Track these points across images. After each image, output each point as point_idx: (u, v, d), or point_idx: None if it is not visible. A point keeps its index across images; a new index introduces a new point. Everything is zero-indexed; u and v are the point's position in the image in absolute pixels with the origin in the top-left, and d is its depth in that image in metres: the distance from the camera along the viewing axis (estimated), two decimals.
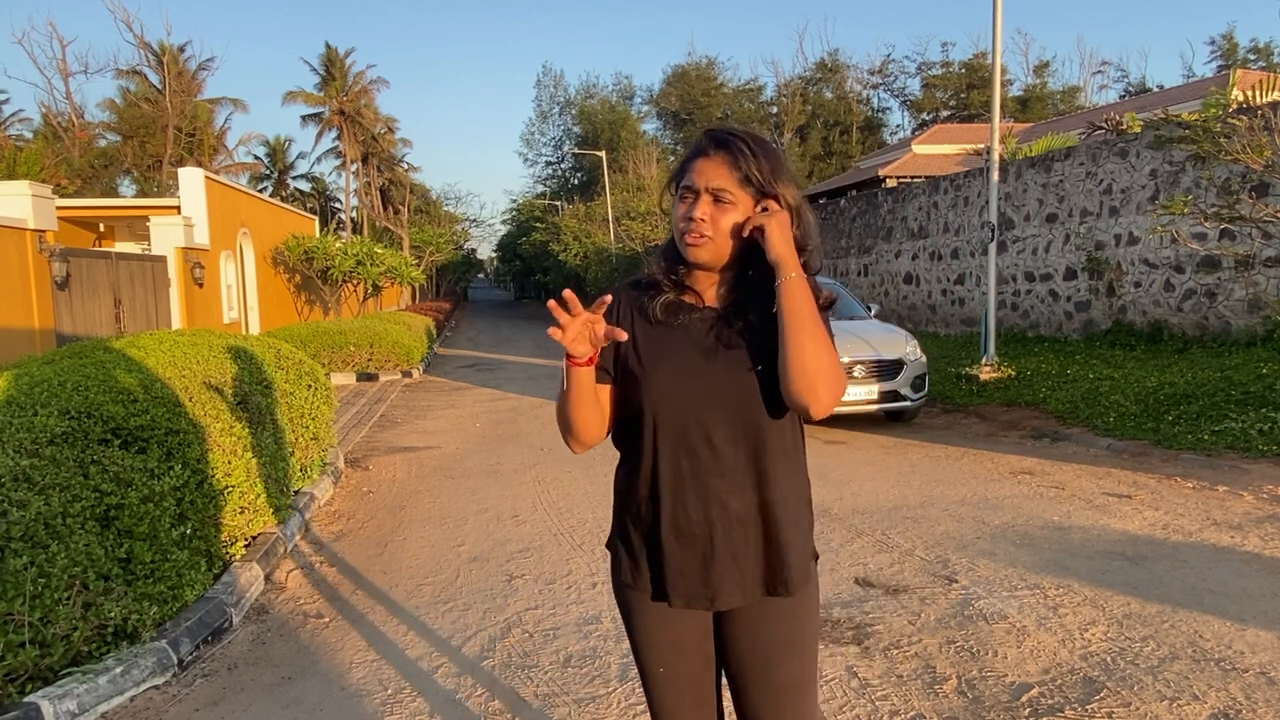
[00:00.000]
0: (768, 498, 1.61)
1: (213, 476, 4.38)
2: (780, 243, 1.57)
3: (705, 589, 1.63)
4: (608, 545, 1.80)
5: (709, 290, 1.67)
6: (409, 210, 46.95)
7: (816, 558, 1.74)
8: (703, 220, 1.58)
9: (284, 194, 49.46)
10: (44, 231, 9.62)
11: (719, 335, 1.62)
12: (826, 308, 1.64)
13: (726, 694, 1.80)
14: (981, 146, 18.90)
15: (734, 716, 1.78)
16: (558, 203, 46.36)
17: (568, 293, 1.62)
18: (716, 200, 1.58)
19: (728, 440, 1.60)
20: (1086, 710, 2.94)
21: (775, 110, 51.55)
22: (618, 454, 1.80)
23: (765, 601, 1.65)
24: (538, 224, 43.35)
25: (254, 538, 4.80)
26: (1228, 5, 69.13)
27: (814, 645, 1.73)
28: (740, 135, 1.61)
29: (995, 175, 10.70)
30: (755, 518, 1.62)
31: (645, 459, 1.65)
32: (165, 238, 13.02)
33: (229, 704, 3.23)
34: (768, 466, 1.61)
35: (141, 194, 34.55)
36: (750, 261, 1.63)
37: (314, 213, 31.99)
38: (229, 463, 4.57)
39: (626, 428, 1.70)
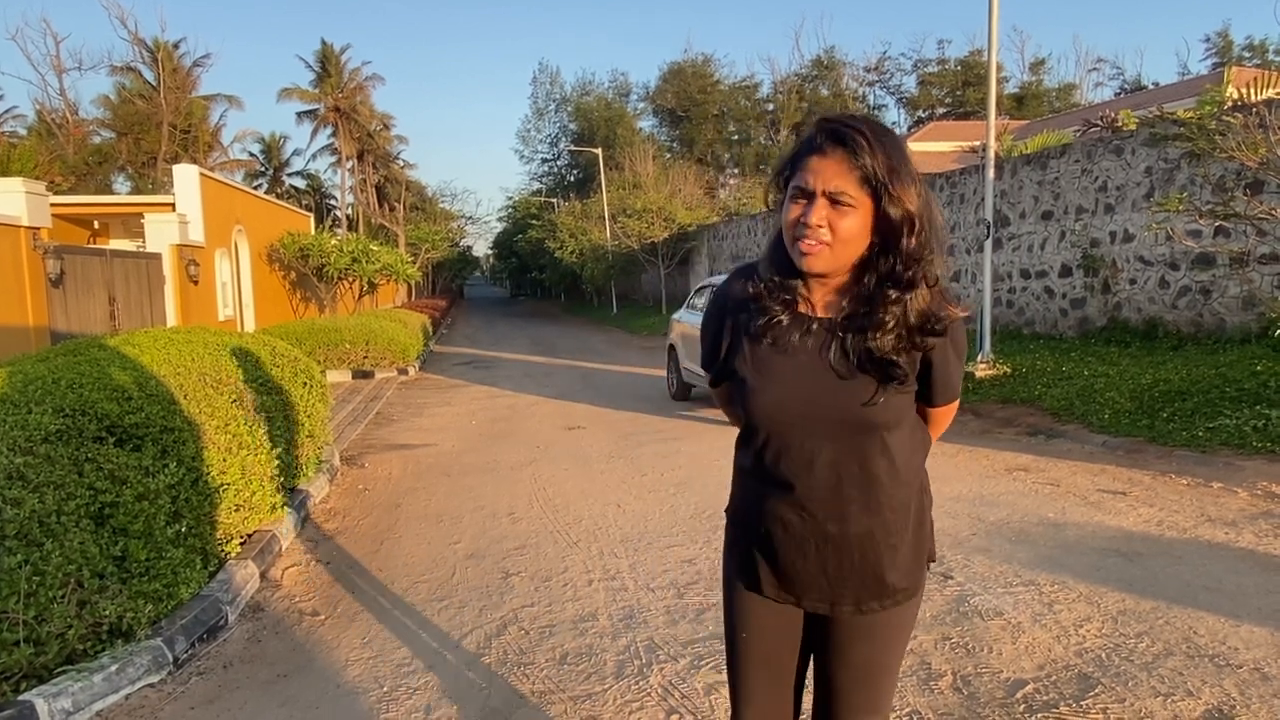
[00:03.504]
0: (869, 525, 1.58)
1: (208, 474, 4.37)
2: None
3: (794, 591, 1.66)
4: (726, 510, 1.81)
5: (821, 298, 1.58)
6: (405, 207, 46.91)
7: (932, 559, 1.73)
8: (820, 227, 1.46)
9: (279, 191, 49.33)
10: (38, 228, 9.59)
11: (832, 360, 1.54)
12: (939, 334, 1.55)
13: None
14: (977, 144, 18.92)
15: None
16: (554, 200, 46.28)
17: None
18: (834, 203, 1.45)
19: (827, 467, 1.56)
20: (1081, 706, 2.95)
21: (771, 107, 51.55)
22: (609, 452, 1.82)
23: (856, 615, 1.66)
24: (534, 221, 43.29)
25: (249, 535, 4.79)
26: (1223, 3, 69.28)
27: (900, 642, 1.72)
28: (858, 126, 1.46)
29: (991, 173, 10.71)
30: (854, 544, 1.59)
31: (755, 464, 1.65)
32: (160, 235, 12.98)
33: (224, 702, 3.23)
34: (873, 493, 1.57)
35: (136, 191, 34.44)
36: (868, 267, 1.53)
37: (309, 210, 31.93)
38: (224, 460, 4.57)
39: (745, 426, 1.69)
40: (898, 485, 1.59)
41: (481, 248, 77.48)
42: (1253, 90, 8.26)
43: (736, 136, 52.11)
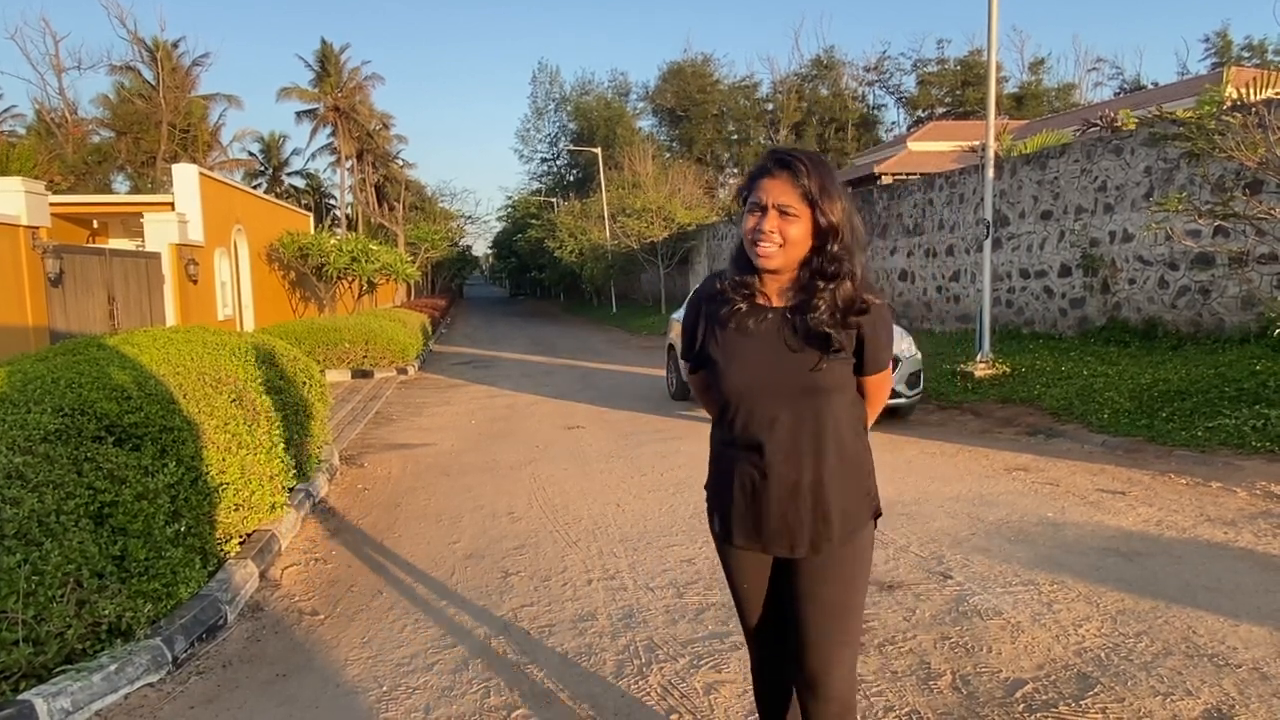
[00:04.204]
0: (820, 474, 1.94)
1: (207, 474, 4.37)
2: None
3: (759, 539, 2.01)
4: (706, 486, 2.18)
5: (775, 292, 1.96)
6: (404, 207, 46.90)
7: (877, 514, 2.08)
8: (771, 232, 1.86)
9: (279, 191, 49.32)
10: (37, 228, 9.58)
11: (785, 337, 1.93)
12: (861, 313, 1.92)
13: None
14: (977, 143, 18.93)
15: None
16: (553, 199, 46.30)
17: None
18: (782, 213, 1.85)
19: (789, 425, 1.92)
20: (1080, 706, 2.95)
21: (771, 107, 51.58)
22: (608, 452, 1.90)
23: (813, 555, 1.99)
24: (533, 221, 43.30)
25: (249, 535, 4.79)
26: (1222, 3, 69.29)
27: (858, 579, 2.04)
28: (799, 156, 1.88)
29: (990, 172, 10.71)
30: (809, 490, 1.94)
31: (727, 434, 2.02)
32: (159, 234, 12.97)
33: (224, 701, 3.23)
34: (823, 446, 1.94)
35: (135, 190, 34.43)
36: (808, 265, 1.91)
37: (309, 209, 31.93)
38: (223, 460, 4.57)
39: (717, 402, 2.05)
40: (841, 441, 1.97)
41: (481, 247, 77.52)
42: (1252, 90, 8.25)
43: (736, 136, 52.12)
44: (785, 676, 2.21)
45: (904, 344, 8.46)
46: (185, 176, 14.15)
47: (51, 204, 10.79)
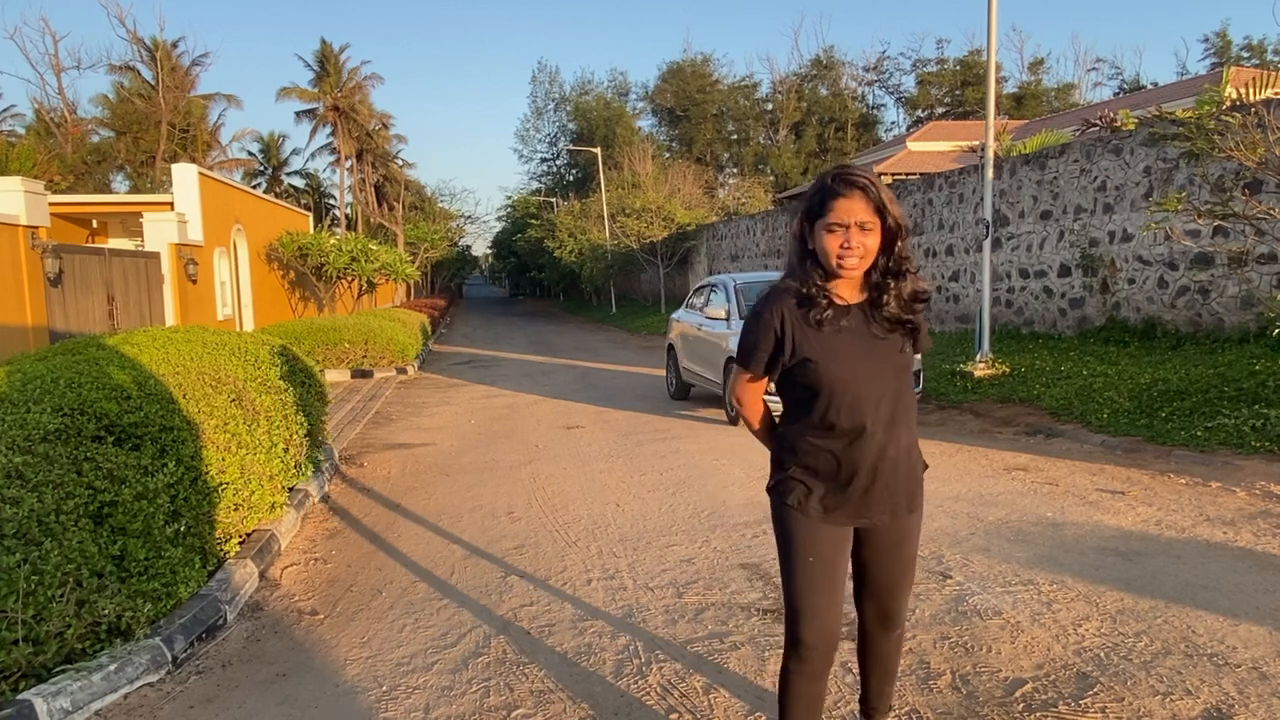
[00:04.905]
0: (909, 443, 2.29)
1: (207, 473, 4.37)
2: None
3: (864, 513, 2.27)
4: (772, 488, 2.35)
5: (849, 292, 2.24)
6: (403, 207, 46.86)
7: (925, 466, 2.43)
8: (857, 247, 2.14)
9: (278, 190, 49.31)
10: (37, 228, 9.57)
11: (871, 328, 2.22)
12: (926, 301, 2.28)
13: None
14: (976, 143, 18.94)
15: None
16: (553, 199, 46.28)
17: None
18: (861, 229, 2.13)
19: (887, 404, 2.21)
20: (1080, 705, 2.95)
21: (770, 107, 51.58)
22: (608, 452, 1.87)
23: (907, 516, 2.34)
24: (533, 221, 43.29)
25: (248, 535, 4.79)
26: (1222, 3, 69.28)
27: (921, 531, 2.48)
28: (865, 174, 2.15)
29: (990, 172, 10.71)
30: (905, 459, 2.27)
31: (822, 423, 2.22)
32: (159, 234, 12.97)
33: (223, 701, 3.23)
34: (909, 419, 2.27)
35: (135, 190, 34.42)
36: (876, 266, 2.21)
37: (308, 209, 31.93)
38: (223, 460, 4.56)
39: (802, 403, 2.26)
40: (914, 412, 2.32)
41: (480, 247, 77.52)
42: (1251, 90, 8.25)
43: (735, 136, 52.12)
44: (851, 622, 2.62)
45: None
46: (185, 176, 14.14)
47: (51, 204, 10.78)
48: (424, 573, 4.61)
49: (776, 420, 2.43)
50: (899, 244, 2.18)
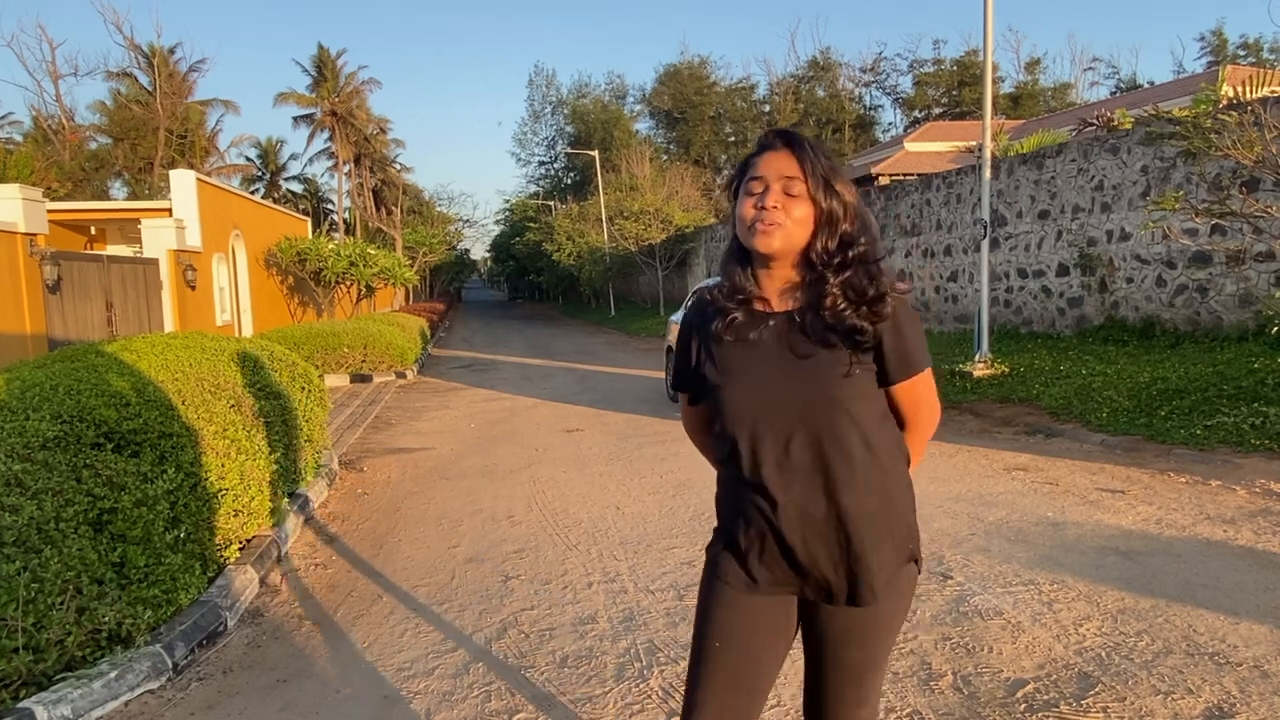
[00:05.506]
0: (844, 505, 1.62)
1: (206, 480, 4.37)
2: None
3: (791, 585, 1.70)
4: (715, 529, 1.86)
5: (776, 293, 1.69)
6: (402, 211, 46.82)
7: (917, 560, 1.77)
8: (775, 208, 1.60)
9: (276, 196, 49.30)
10: (35, 235, 9.58)
11: (792, 345, 1.64)
12: (877, 299, 1.63)
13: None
14: (974, 144, 18.95)
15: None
16: (551, 202, 46.32)
17: None
18: (785, 189, 1.61)
19: (805, 448, 1.62)
20: (1081, 705, 2.95)
21: (768, 109, 51.61)
22: (607, 455, 1.83)
23: (848, 608, 1.69)
24: (531, 224, 43.32)
25: (248, 541, 4.79)
26: (1218, 2, 69.40)
27: (886, 635, 1.74)
28: (801, 135, 1.67)
29: (987, 172, 10.72)
30: (834, 525, 1.63)
31: (737, 465, 1.69)
32: (157, 240, 12.97)
33: (224, 708, 3.22)
34: (847, 474, 1.62)
35: (133, 196, 34.41)
36: (813, 257, 1.65)
37: (306, 214, 31.86)
38: (223, 466, 4.56)
39: (719, 437, 1.74)
40: (873, 465, 1.64)
41: (479, 251, 77.50)
42: (1248, 88, 8.26)
43: (733, 138, 52.15)
44: None
45: None
46: (183, 182, 14.15)
47: (49, 211, 10.78)
48: (424, 577, 4.61)
49: None
50: (847, 224, 1.64)
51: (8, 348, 8.75)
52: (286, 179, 53.10)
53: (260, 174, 51.05)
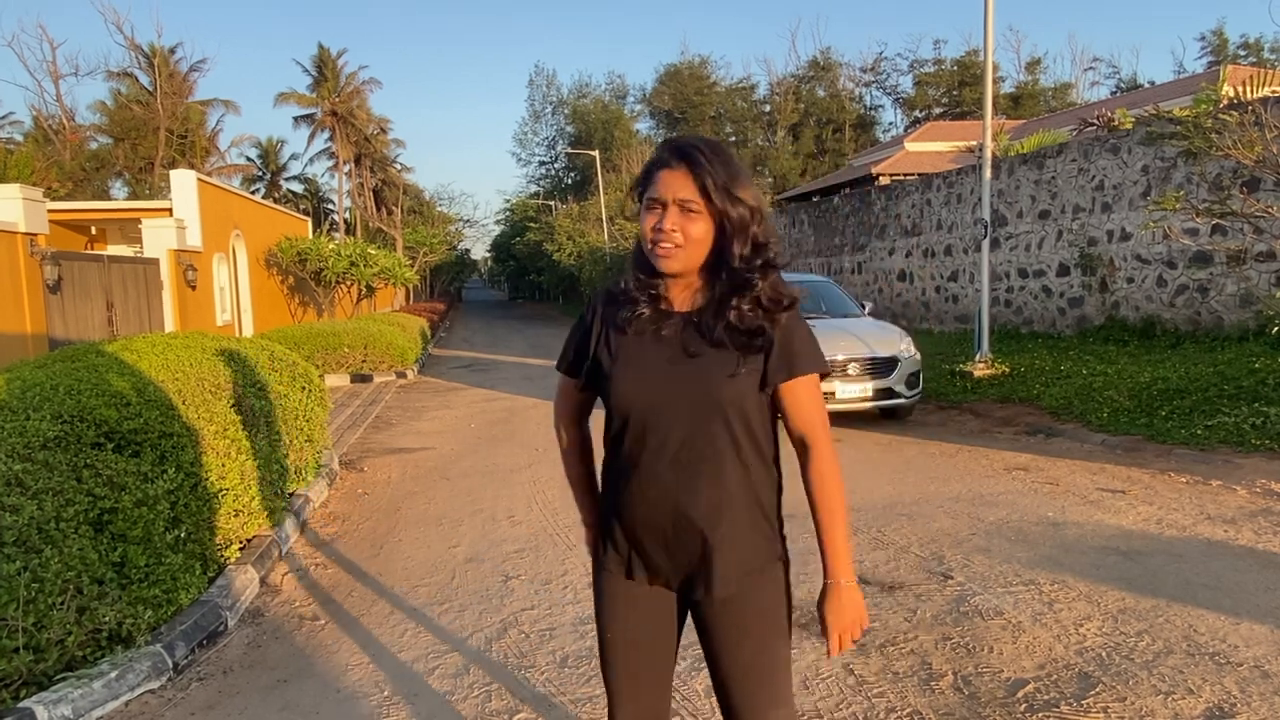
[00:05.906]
0: (707, 499, 1.68)
1: (207, 480, 4.37)
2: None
3: (668, 576, 1.77)
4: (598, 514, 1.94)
5: (679, 296, 1.74)
6: (402, 211, 46.85)
7: (783, 559, 1.79)
8: (672, 231, 1.64)
9: (276, 196, 49.32)
10: (35, 235, 9.58)
11: (684, 343, 1.69)
12: (789, 307, 1.69)
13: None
14: (974, 143, 18.95)
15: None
16: (551, 202, 46.32)
17: None
18: (683, 210, 1.64)
19: (683, 442, 1.68)
20: (1082, 705, 2.95)
21: (768, 109, 51.60)
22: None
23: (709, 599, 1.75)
24: (532, 224, 43.32)
25: (249, 540, 4.79)
26: (1218, 2, 69.36)
27: (772, 633, 1.77)
28: (698, 145, 1.67)
29: (988, 172, 10.72)
30: (697, 516, 1.69)
31: (619, 453, 1.76)
32: (157, 240, 12.97)
33: (224, 707, 3.22)
34: (713, 471, 1.68)
35: (133, 196, 34.43)
36: (716, 268, 1.69)
37: (307, 214, 31.88)
38: (223, 466, 4.56)
39: (607, 425, 1.80)
40: (739, 464, 1.70)
41: (479, 251, 77.54)
42: (1248, 88, 8.26)
43: (733, 138, 52.11)
44: None
45: (903, 344, 8.47)
46: (183, 182, 14.15)
47: (49, 211, 10.78)
48: (425, 577, 4.61)
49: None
50: (756, 228, 1.67)
51: (8, 348, 8.75)
52: (287, 179, 53.14)
53: (261, 174, 51.06)
